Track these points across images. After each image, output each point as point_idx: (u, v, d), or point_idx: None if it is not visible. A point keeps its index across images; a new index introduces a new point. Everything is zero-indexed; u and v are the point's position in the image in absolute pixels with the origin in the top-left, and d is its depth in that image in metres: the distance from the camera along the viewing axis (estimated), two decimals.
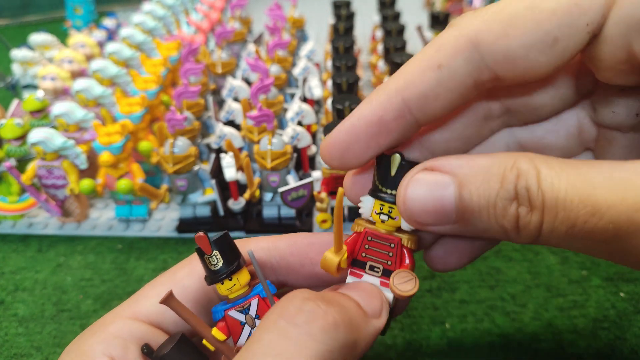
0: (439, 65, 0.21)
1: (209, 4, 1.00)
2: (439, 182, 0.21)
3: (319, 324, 0.20)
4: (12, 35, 1.11)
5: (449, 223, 0.22)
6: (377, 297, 0.24)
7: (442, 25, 0.78)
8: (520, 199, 0.20)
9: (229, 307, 0.26)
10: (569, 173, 0.19)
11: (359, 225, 0.25)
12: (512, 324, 0.43)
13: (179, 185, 0.53)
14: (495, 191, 0.20)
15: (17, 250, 0.54)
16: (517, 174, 0.20)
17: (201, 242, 0.24)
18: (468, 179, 0.21)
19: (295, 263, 0.27)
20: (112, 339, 0.24)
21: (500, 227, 0.20)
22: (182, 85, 0.61)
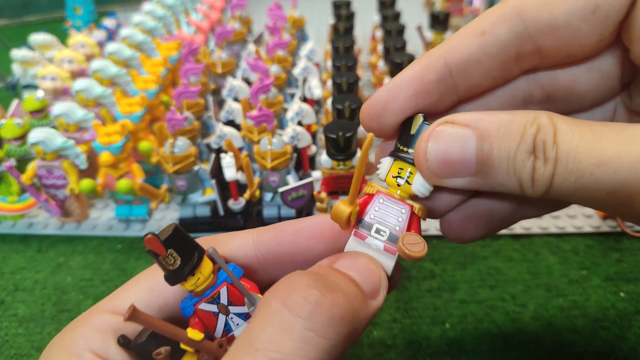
0: (482, 31, 0.22)
1: (209, 4, 1.00)
2: (459, 134, 0.22)
3: (324, 318, 0.19)
4: (12, 35, 1.11)
5: (468, 175, 0.22)
6: (376, 274, 0.23)
7: (442, 25, 0.78)
8: (537, 152, 0.20)
9: (197, 300, 0.24)
10: (583, 130, 0.20)
11: (372, 187, 0.25)
12: (512, 324, 0.43)
13: (179, 185, 0.53)
14: (516, 145, 0.21)
15: (17, 250, 0.54)
16: (537, 128, 0.20)
17: (152, 244, 0.22)
18: (489, 132, 0.21)
19: (284, 253, 0.26)
20: (93, 333, 0.24)
21: (517, 180, 0.21)
22: (182, 85, 0.61)
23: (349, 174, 0.50)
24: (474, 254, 0.50)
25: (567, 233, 0.52)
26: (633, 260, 0.49)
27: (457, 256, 0.50)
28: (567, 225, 0.53)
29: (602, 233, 0.52)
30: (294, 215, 0.54)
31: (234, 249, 0.26)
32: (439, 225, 0.28)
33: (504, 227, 0.29)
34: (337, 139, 0.46)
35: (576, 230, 0.52)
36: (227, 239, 0.27)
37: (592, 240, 0.52)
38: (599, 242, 0.51)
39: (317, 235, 0.26)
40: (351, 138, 0.46)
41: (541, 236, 0.52)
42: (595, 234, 0.52)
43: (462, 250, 0.51)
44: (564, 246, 0.51)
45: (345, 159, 0.48)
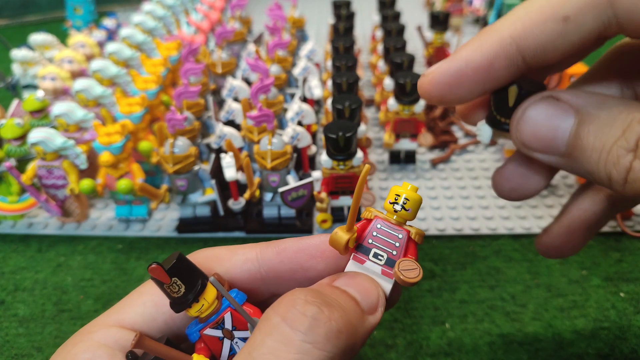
0: (565, 17, 0.20)
1: (209, 4, 1.00)
2: (560, 111, 0.21)
3: (322, 332, 0.20)
4: (12, 35, 1.11)
5: (556, 154, 0.22)
6: (375, 292, 0.24)
7: (442, 25, 0.78)
8: (638, 152, 0.19)
9: (202, 326, 0.25)
10: None
11: (370, 212, 0.26)
12: (512, 324, 0.43)
13: (179, 185, 0.53)
14: (614, 139, 0.20)
15: (17, 250, 0.54)
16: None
17: (156, 273, 0.22)
18: (590, 118, 0.20)
19: (285, 271, 0.26)
20: (98, 348, 0.23)
21: (606, 174, 0.20)
22: (182, 85, 0.61)
23: (349, 174, 0.50)
24: (474, 254, 0.50)
25: None
26: (633, 260, 0.49)
27: (457, 256, 0.50)
28: None
29: (602, 233, 0.52)
30: (294, 215, 0.54)
31: (236, 264, 0.26)
32: (535, 245, 0.28)
33: (596, 232, 0.28)
34: (337, 139, 0.46)
35: None
36: (229, 255, 0.27)
37: (592, 240, 0.52)
38: (599, 242, 0.51)
39: (318, 254, 0.26)
40: (351, 138, 0.46)
41: None
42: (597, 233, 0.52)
43: (462, 250, 0.51)
44: None
45: (345, 159, 0.48)
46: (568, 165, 0.22)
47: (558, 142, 0.21)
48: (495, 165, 0.64)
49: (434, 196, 0.59)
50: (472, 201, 0.58)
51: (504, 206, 0.57)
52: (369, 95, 0.79)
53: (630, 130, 0.19)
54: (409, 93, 0.57)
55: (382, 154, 0.67)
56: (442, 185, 0.61)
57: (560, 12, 0.20)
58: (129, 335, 0.24)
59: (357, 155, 0.49)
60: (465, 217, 0.55)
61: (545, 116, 0.21)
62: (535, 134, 0.22)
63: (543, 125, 0.21)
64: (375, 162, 0.65)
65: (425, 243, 0.52)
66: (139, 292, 0.26)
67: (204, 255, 0.27)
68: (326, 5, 1.17)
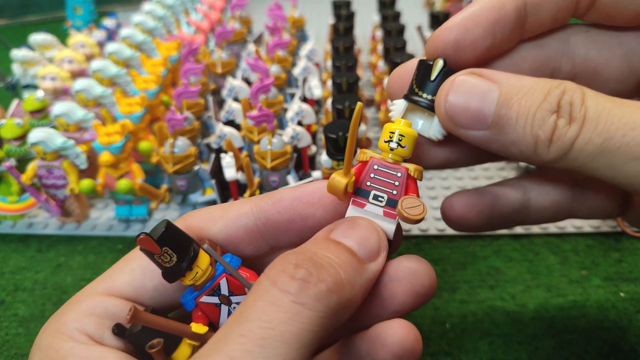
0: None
1: (209, 4, 1.00)
2: (484, 86, 0.22)
3: (311, 293, 0.20)
4: (12, 35, 1.11)
5: (483, 128, 0.22)
6: (374, 237, 0.23)
7: None
8: (561, 112, 0.20)
9: (198, 294, 0.24)
10: (612, 99, 0.20)
11: (364, 154, 0.25)
12: (512, 324, 0.43)
13: (179, 185, 0.53)
14: (538, 103, 0.21)
15: (17, 250, 0.54)
16: (563, 89, 0.21)
17: (146, 244, 0.22)
18: (513, 89, 0.22)
19: (283, 221, 0.26)
20: (87, 316, 0.23)
21: (533, 138, 0.21)
22: (182, 85, 0.61)
23: None
24: (474, 254, 0.50)
25: (567, 233, 0.52)
26: (633, 260, 0.49)
27: (457, 256, 0.50)
28: (567, 225, 0.53)
29: (602, 233, 0.52)
30: None
31: (231, 221, 0.26)
32: (441, 207, 0.28)
33: (503, 226, 0.29)
34: (337, 139, 0.46)
35: (576, 230, 0.52)
36: (222, 213, 0.26)
37: (592, 240, 0.52)
38: (599, 242, 0.51)
39: (315, 201, 0.25)
40: None
41: (541, 236, 0.52)
42: (595, 234, 0.52)
43: (462, 250, 0.51)
44: (564, 246, 0.51)
45: None
46: (494, 138, 0.22)
47: (485, 114, 0.22)
48: (494, 165, 0.64)
49: (434, 196, 0.59)
50: None
51: None
52: (369, 95, 0.79)
53: (550, 94, 0.21)
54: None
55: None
56: (442, 185, 0.61)
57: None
58: (118, 303, 0.24)
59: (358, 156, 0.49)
60: None
61: (472, 90, 0.22)
62: (464, 109, 0.23)
63: (471, 99, 0.22)
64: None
65: (426, 243, 0.52)
66: (127, 259, 0.26)
67: (197, 218, 0.26)
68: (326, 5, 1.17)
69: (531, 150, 0.22)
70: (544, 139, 0.21)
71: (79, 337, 0.23)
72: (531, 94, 0.21)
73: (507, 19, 0.24)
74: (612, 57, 0.25)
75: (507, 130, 0.22)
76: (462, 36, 0.24)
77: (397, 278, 0.24)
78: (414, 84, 0.25)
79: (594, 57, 0.26)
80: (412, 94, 0.25)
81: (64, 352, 0.22)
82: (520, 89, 0.22)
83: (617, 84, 0.23)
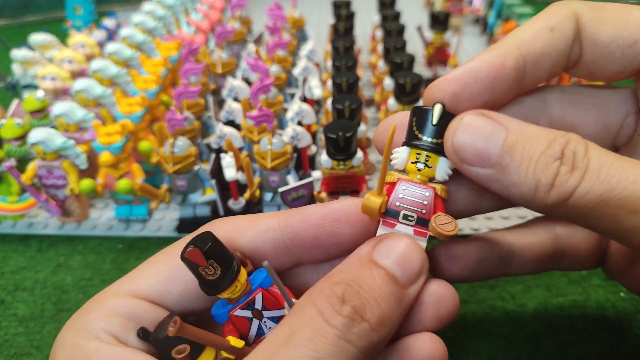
0: (551, 28, 0.24)
1: (209, 4, 1.00)
2: (491, 127, 0.23)
3: (356, 331, 0.20)
4: (12, 35, 1.11)
5: (487, 166, 0.23)
6: (416, 259, 0.23)
7: (442, 25, 0.78)
8: (564, 159, 0.21)
9: (232, 307, 0.24)
10: (615, 155, 0.21)
11: (392, 175, 0.26)
12: (512, 324, 0.43)
13: (179, 185, 0.53)
14: (542, 149, 0.22)
15: (17, 250, 0.54)
16: (567, 139, 0.22)
17: (194, 256, 0.22)
18: (519, 133, 0.23)
19: (310, 238, 0.26)
20: (112, 317, 0.23)
21: (535, 181, 0.22)
22: (182, 85, 0.61)
23: (349, 174, 0.49)
24: None
25: None
26: None
27: None
28: None
29: None
30: None
31: (259, 234, 0.26)
32: (428, 254, 0.29)
33: (486, 278, 0.31)
34: (337, 139, 0.46)
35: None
36: (250, 225, 0.26)
37: None
38: None
39: (343, 219, 0.26)
40: (351, 138, 0.46)
41: None
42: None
43: None
44: None
45: (345, 159, 0.48)
46: (496, 178, 0.23)
47: (490, 153, 0.23)
48: None
49: None
50: None
51: None
52: (369, 95, 0.79)
53: (555, 142, 0.22)
54: (409, 93, 0.57)
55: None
56: None
57: (547, 24, 0.24)
58: (142, 305, 0.24)
59: (357, 155, 0.49)
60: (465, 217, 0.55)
61: (480, 129, 0.23)
62: (470, 145, 0.23)
63: (478, 137, 0.23)
64: (375, 162, 0.65)
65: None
66: (151, 263, 0.26)
67: (224, 228, 0.26)
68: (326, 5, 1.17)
69: (532, 193, 0.22)
70: (546, 184, 0.21)
71: (104, 337, 0.23)
72: (536, 140, 0.22)
73: (507, 76, 0.24)
74: (587, 116, 0.27)
75: (510, 171, 0.22)
76: (460, 90, 0.25)
77: (424, 302, 0.25)
78: (414, 129, 0.26)
79: (570, 115, 0.27)
80: (414, 139, 0.25)
81: (89, 351, 0.22)
82: (526, 134, 0.22)
83: (593, 139, 0.24)
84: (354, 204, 0.26)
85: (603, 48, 0.24)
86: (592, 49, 0.24)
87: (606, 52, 0.24)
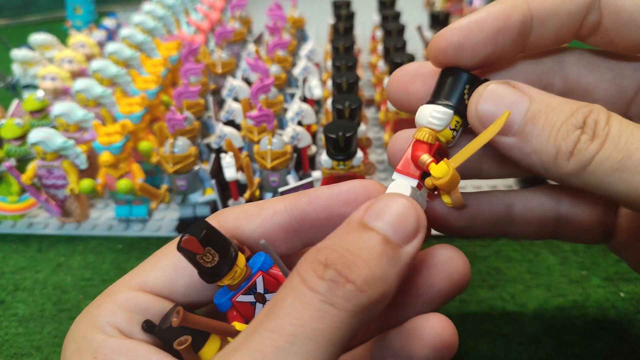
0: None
1: (209, 4, 1.00)
2: (515, 96, 0.23)
3: (340, 294, 0.19)
4: (12, 35, 1.11)
5: (509, 134, 0.23)
6: (412, 213, 0.22)
7: (442, 25, 0.78)
8: (585, 128, 0.22)
9: (234, 294, 0.24)
10: (636, 125, 0.21)
11: (427, 134, 0.26)
12: (512, 324, 0.43)
13: (179, 185, 0.53)
14: (564, 118, 0.22)
15: (17, 250, 0.54)
16: (590, 109, 0.22)
17: (190, 244, 0.22)
18: (542, 102, 0.23)
19: (319, 219, 0.26)
20: (119, 310, 0.24)
21: (555, 148, 0.22)
22: (182, 85, 0.61)
23: (349, 174, 0.50)
24: (474, 254, 0.50)
25: None
26: None
27: None
28: None
29: None
30: None
31: (266, 218, 0.26)
32: None
33: (484, 233, 0.30)
34: (337, 139, 0.46)
35: None
36: (257, 211, 0.26)
37: None
38: None
39: (351, 200, 0.25)
40: (351, 138, 0.46)
41: None
42: None
43: (462, 250, 0.51)
44: (564, 246, 0.51)
45: (345, 159, 0.48)
46: (517, 146, 0.23)
47: (513, 121, 0.23)
48: None
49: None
50: None
51: None
52: (369, 95, 0.79)
53: (578, 111, 0.22)
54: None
55: (382, 154, 0.67)
56: None
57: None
58: (149, 298, 0.24)
59: (357, 155, 0.49)
60: None
61: (503, 97, 0.23)
62: (493, 114, 0.23)
63: (501, 104, 0.23)
64: (375, 162, 0.65)
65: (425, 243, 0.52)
66: (160, 255, 0.26)
67: (231, 216, 0.26)
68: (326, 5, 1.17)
69: (551, 160, 0.22)
70: (566, 151, 0.22)
71: (109, 330, 0.23)
72: (559, 109, 0.22)
73: (512, 29, 0.24)
74: (602, 79, 0.27)
75: (531, 138, 0.23)
76: (465, 39, 0.24)
77: (433, 265, 0.24)
78: (439, 87, 0.26)
79: (585, 77, 0.27)
80: (439, 99, 0.26)
81: (96, 344, 0.22)
82: (549, 104, 0.23)
83: (606, 104, 0.24)
84: (361, 185, 0.26)
85: (626, 15, 0.24)
86: (614, 16, 0.24)
87: (629, 20, 0.24)
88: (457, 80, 0.25)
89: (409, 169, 0.26)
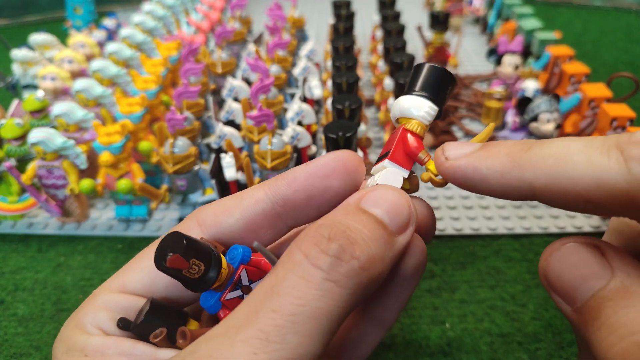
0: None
1: (209, 4, 1.00)
2: (598, 267, 0.20)
3: (343, 270, 0.20)
4: (12, 35, 1.11)
5: (569, 307, 0.21)
6: (405, 209, 0.23)
7: (442, 25, 0.78)
8: None
9: (221, 294, 0.24)
10: None
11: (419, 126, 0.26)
12: (512, 324, 0.43)
13: (179, 185, 0.53)
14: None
15: (17, 250, 0.54)
16: None
17: (176, 262, 0.21)
18: (627, 293, 0.19)
19: (302, 199, 0.25)
20: (99, 311, 0.24)
21: None
22: (182, 85, 0.61)
23: None
24: (474, 253, 0.50)
25: (567, 233, 0.52)
26: None
27: (457, 256, 0.50)
28: (567, 225, 0.53)
29: (601, 233, 0.52)
30: None
31: (248, 207, 0.26)
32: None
33: None
34: (337, 139, 0.46)
35: (576, 230, 0.52)
36: (237, 202, 0.26)
37: None
38: None
39: (329, 173, 0.25)
40: (351, 138, 0.46)
41: (541, 236, 0.52)
42: (595, 233, 0.52)
43: (462, 250, 0.51)
44: None
45: None
46: (574, 324, 0.20)
47: (577, 295, 0.20)
48: None
49: (434, 196, 0.59)
50: (472, 201, 0.58)
51: (503, 206, 0.57)
52: (369, 95, 0.79)
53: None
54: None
55: None
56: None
57: None
58: (130, 299, 0.25)
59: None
60: (465, 217, 0.55)
61: (582, 262, 0.20)
62: (561, 278, 0.21)
63: (574, 274, 0.20)
64: (375, 162, 0.65)
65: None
66: (140, 257, 0.26)
67: (210, 212, 0.26)
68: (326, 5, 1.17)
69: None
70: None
71: (92, 331, 0.24)
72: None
73: None
74: None
75: (594, 329, 0.19)
76: None
77: None
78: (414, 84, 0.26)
79: None
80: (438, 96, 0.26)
81: (81, 344, 0.23)
82: (632, 296, 0.18)
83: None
84: (336, 157, 0.25)
85: None
86: None
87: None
88: (444, 80, 0.25)
89: (401, 159, 0.26)
